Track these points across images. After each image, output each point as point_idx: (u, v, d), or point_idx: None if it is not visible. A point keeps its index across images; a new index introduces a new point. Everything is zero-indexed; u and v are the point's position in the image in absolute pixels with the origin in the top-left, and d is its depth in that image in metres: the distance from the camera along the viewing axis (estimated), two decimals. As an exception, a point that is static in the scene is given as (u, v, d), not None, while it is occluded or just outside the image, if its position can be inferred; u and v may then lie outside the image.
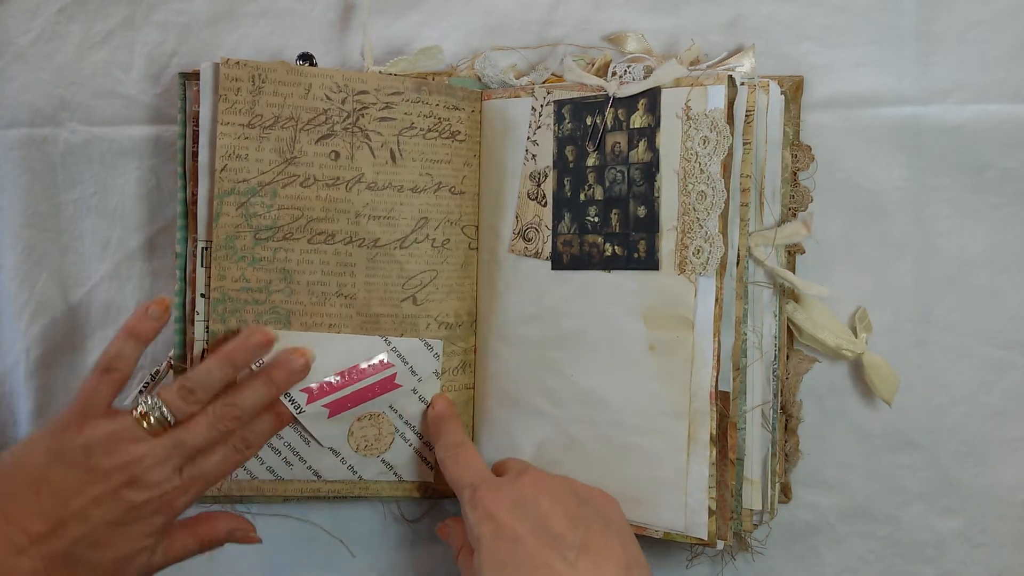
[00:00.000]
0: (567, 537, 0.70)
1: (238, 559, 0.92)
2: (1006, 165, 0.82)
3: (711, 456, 0.76)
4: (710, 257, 0.75)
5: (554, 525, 0.70)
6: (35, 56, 0.89)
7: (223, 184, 0.81)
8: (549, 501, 0.72)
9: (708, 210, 0.75)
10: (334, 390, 0.83)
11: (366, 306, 0.84)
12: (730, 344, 0.77)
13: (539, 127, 0.83)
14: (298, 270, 0.83)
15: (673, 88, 0.77)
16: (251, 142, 0.81)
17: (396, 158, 0.84)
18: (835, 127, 0.84)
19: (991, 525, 0.85)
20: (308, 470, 0.86)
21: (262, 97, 0.81)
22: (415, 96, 0.83)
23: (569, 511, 0.72)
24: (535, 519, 0.71)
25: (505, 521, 0.71)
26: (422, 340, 0.85)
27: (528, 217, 0.84)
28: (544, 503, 0.72)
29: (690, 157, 0.76)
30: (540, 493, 0.73)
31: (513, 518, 0.71)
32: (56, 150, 0.89)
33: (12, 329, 0.91)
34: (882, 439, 0.86)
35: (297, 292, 0.83)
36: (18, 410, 0.91)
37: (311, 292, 0.83)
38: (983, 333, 0.84)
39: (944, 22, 0.83)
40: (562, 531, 0.70)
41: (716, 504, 0.77)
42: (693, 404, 0.76)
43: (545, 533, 0.70)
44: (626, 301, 0.79)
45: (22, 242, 0.89)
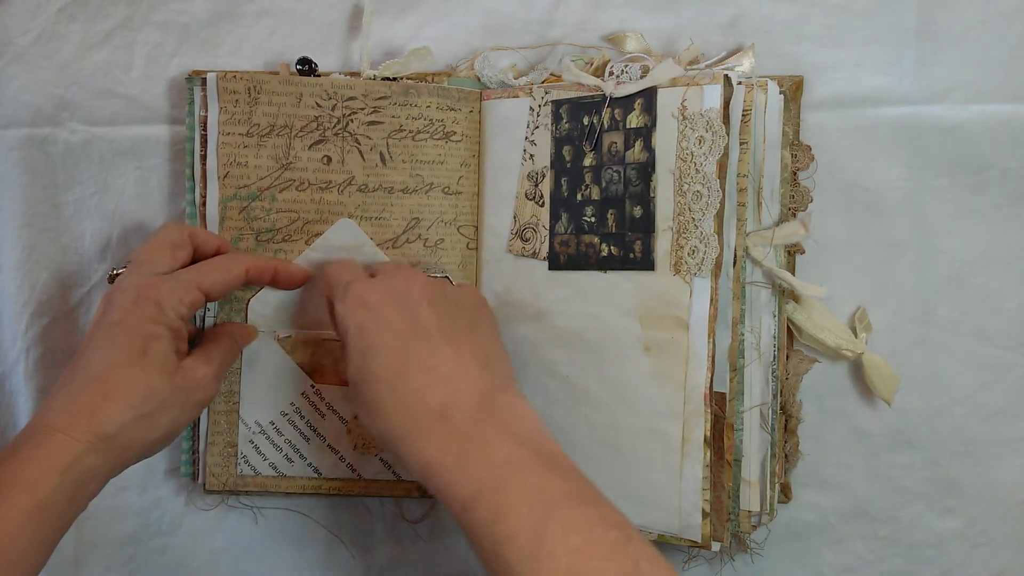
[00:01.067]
0: (432, 328, 0.72)
1: (238, 559, 0.92)
2: (1006, 165, 0.82)
3: (705, 458, 0.76)
4: (705, 257, 0.75)
5: (422, 317, 0.73)
6: (35, 56, 0.89)
7: (226, 190, 0.84)
8: (420, 295, 0.74)
9: (703, 210, 0.75)
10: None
11: (363, 306, 0.85)
12: (727, 344, 0.77)
13: (537, 127, 0.83)
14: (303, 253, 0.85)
15: (669, 88, 0.77)
16: (250, 150, 0.84)
17: (386, 160, 0.85)
18: (835, 127, 0.84)
19: (991, 525, 0.85)
20: (309, 467, 0.87)
21: (258, 107, 0.84)
22: (403, 99, 0.84)
23: (439, 308, 0.74)
24: (405, 308, 0.72)
25: (376, 306, 0.72)
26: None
27: (526, 217, 0.84)
28: (415, 296, 0.74)
29: (686, 157, 0.76)
30: (412, 288, 0.74)
31: (384, 305, 0.72)
32: (56, 150, 0.89)
33: (12, 329, 0.91)
34: (882, 439, 0.86)
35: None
36: (18, 410, 0.91)
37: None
38: (983, 333, 0.84)
39: (944, 22, 0.83)
40: (429, 323, 0.72)
41: (711, 506, 0.77)
42: (688, 405, 0.76)
43: (413, 321, 0.72)
44: (622, 301, 0.79)
45: (22, 242, 0.89)
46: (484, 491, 0.62)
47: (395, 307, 0.73)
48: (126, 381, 0.71)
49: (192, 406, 0.76)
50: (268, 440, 0.87)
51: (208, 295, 0.77)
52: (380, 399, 0.69)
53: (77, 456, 0.68)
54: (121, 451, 0.71)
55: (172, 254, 0.78)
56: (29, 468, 0.67)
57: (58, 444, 0.68)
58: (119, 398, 0.70)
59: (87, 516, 0.89)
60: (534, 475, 0.63)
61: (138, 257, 0.78)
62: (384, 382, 0.69)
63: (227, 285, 0.78)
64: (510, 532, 0.60)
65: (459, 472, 0.64)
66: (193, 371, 0.75)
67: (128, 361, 0.72)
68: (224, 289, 0.78)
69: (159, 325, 0.73)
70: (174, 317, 0.74)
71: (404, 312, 0.72)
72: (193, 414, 0.77)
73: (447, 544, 0.91)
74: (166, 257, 0.78)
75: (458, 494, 0.63)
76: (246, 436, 0.86)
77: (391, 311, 0.72)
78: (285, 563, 0.92)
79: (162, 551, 0.92)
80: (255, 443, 0.86)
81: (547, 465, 0.65)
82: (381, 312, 0.72)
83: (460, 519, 0.63)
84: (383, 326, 0.71)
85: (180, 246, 0.79)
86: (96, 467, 0.69)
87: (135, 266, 0.77)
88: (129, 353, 0.72)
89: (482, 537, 0.62)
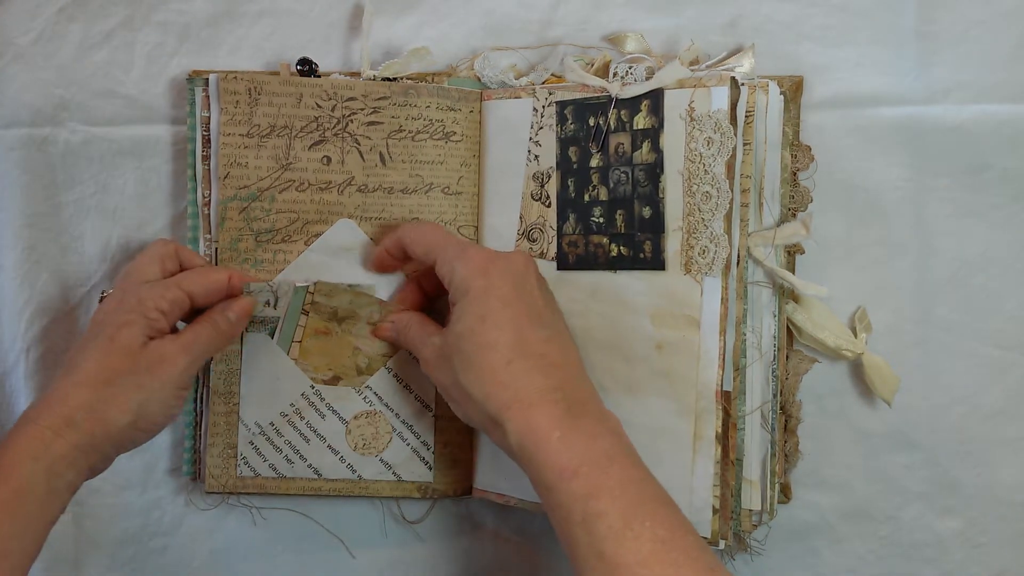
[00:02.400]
0: (545, 318, 0.75)
1: (238, 559, 0.92)
2: (1006, 165, 0.83)
3: (716, 454, 0.76)
4: (716, 257, 0.76)
5: (536, 301, 0.75)
6: (35, 56, 0.89)
7: (226, 190, 0.84)
8: (535, 283, 0.76)
9: (713, 211, 0.76)
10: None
11: (363, 306, 0.86)
12: (731, 344, 0.77)
13: (541, 128, 0.83)
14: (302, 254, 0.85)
15: (676, 89, 0.77)
16: (250, 150, 0.84)
17: (385, 161, 0.85)
18: (835, 127, 0.84)
19: (991, 525, 0.85)
20: (309, 468, 0.86)
21: (259, 108, 0.84)
22: (402, 100, 0.85)
23: (549, 301, 0.77)
24: (523, 290, 0.75)
25: (498, 279, 0.74)
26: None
27: (532, 218, 0.84)
28: (532, 282, 0.76)
29: (694, 158, 0.76)
30: (529, 271, 0.76)
31: (505, 280, 0.74)
32: (56, 150, 0.89)
33: (12, 329, 0.90)
34: (882, 439, 0.86)
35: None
36: (19, 410, 0.91)
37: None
38: (983, 333, 0.84)
39: (944, 22, 0.83)
40: (542, 312, 0.75)
41: (719, 503, 0.77)
42: (699, 403, 0.77)
43: (530, 305, 0.75)
44: (633, 301, 0.79)
45: (22, 242, 0.89)
46: (584, 467, 0.66)
47: (515, 286, 0.74)
48: (92, 365, 0.73)
49: (161, 385, 0.75)
50: (268, 441, 0.86)
51: (191, 297, 0.78)
52: (494, 365, 0.71)
53: (47, 443, 0.70)
54: (89, 435, 0.72)
55: (161, 266, 0.80)
56: (5, 456, 0.69)
57: (29, 433, 0.70)
58: (84, 384, 0.73)
59: (87, 516, 0.90)
60: (629, 468, 0.68)
61: (127, 270, 0.80)
62: (501, 351, 0.71)
63: (209, 289, 0.79)
64: (602, 509, 0.64)
65: (563, 445, 0.67)
66: (158, 347, 0.76)
67: (97, 348, 0.74)
68: (206, 292, 0.79)
69: (132, 314, 0.75)
70: (151, 308, 0.76)
71: (522, 294, 0.74)
72: (164, 394, 0.76)
73: (447, 544, 0.91)
74: (154, 268, 0.80)
75: (559, 463, 0.67)
76: (246, 437, 0.86)
77: (512, 288, 0.74)
78: (285, 563, 0.92)
79: (162, 551, 0.92)
80: (255, 444, 0.86)
81: (638, 465, 0.69)
82: (503, 287, 0.74)
83: (553, 488, 0.67)
84: (504, 301, 0.73)
85: (168, 259, 0.81)
86: (68, 454, 0.71)
87: (124, 276, 0.79)
88: (99, 342, 0.74)
89: (573, 507, 0.65)
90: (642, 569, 0.62)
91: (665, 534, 0.64)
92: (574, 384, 0.72)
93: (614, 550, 0.63)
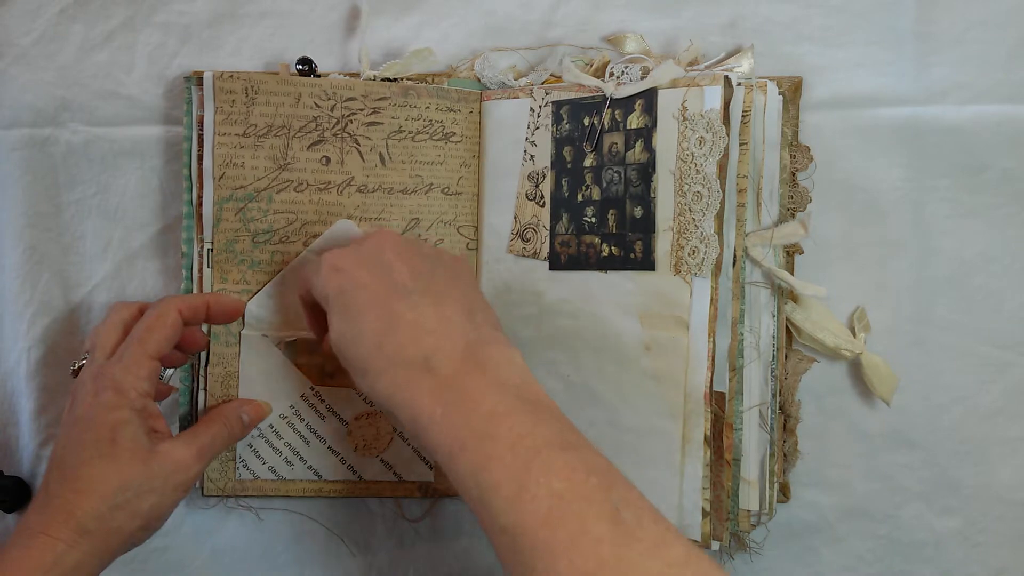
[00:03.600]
0: (409, 284, 0.71)
1: (240, 558, 0.92)
2: (1005, 165, 0.83)
3: (705, 457, 0.76)
4: (705, 258, 0.76)
5: (397, 275, 0.71)
6: (36, 57, 0.89)
7: (222, 191, 0.84)
8: (393, 254, 0.73)
9: (704, 211, 0.76)
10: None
11: (362, 306, 0.85)
12: (726, 344, 0.77)
13: (537, 128, 0.84)
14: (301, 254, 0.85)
15: (670, 89, 0.78)
16: (247, 150, 0.84)
17: (385, 161, 0.85)
18: (834, 127, 0.84)
19: (990, 525, 0.85)
20: (309, 470, 0.86)
21: (255, 107, 0.84)
22: (402, 100, 0.85)
23: (413, 265, 0.73)
24: (379, 269, 0.71)
25: (349, 271, 0.71)
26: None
27: (526, 217, 0.84)
28: (388, 255, 0.72)
29: (686, 158, 0.76)
30: (384, 248, 0.73)
31: (357, 267, 0.71)
32: (58, 150, 0.89)
33: (14, 329, 0.91)
34: (881, 439, 0.86)
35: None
36: (20, 410, 0.91)
37: (309, 293, 0.84)
38: (982, 333, 0.84)
39: (943, 22, 0.83)
40: (404, 280, 0.71)
41: (711, 505, 0.77)
42: (688, 405, 0.77)
43: (388, 280, 0.71)
44: (623, 301, 0.80)
45: (24, 242, 0.89)
46: (469, 441, 0.63)
47: (369, 268, 0.72)
48: (98, 474, 0.71)
49: (172, 489, 0.75)
50: (267, 444, 0.86)
51: (160, 358, 0.77)
52: (368, 358, 0.69)
53: (59, 555, 0.69)
54: (103, 542, 0.71)
55: (123, 333, 0.78)
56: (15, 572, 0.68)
57: (40, 545, 0.69)
58: (92, 492, 0.71)
59: (88, 516, 0.90)
60: (517, 423, 0.63)
61: (91, 345, 0.78)
62: (368, 341, 0.69)
63: (170, 339, 0.78)
64: (494, 481, 0.61)
65: (446, 423, 0.64)
66: (170, 453, 0.75)
67: (98, 453, 0.72)
68: (170, 344, 0.78)
69: (122, 410, 0.73)
70: (136, 397, 0.74)
71: (378, 272, 0.71)
72: (176, 497, 0.76)
73: (447, 543, 0.91)
74: (116, 337, 0.78)
75: (445, 445, 0.64)
76: (245, 440, 0.86)
77: (364, 273, 0.71)
78: (286, 562, 0.92)
79: (163, 550, 0.92)
80: (254, 447, 0.86)
81: (530, 412, 0.65)
82: (355, 275, 0.71)
83: (447, 469, 0.64)
84: (359, 288, 0.71)
85: (131, 322, 0.79)
86: (81, 561, 0.70)
87: (90, 355, 0.78)
88: (97, 445, 0.72)
89: (468, 487, 0.62)
90: (544, 531, 0.58)
91: (562, 487, 0.60)
92: (453, 342, 0.68)
93: (514, 520, 0.59)
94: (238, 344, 0.85)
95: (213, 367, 0.85)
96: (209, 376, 0.85)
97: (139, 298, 0.90)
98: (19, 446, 0.92)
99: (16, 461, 0.92)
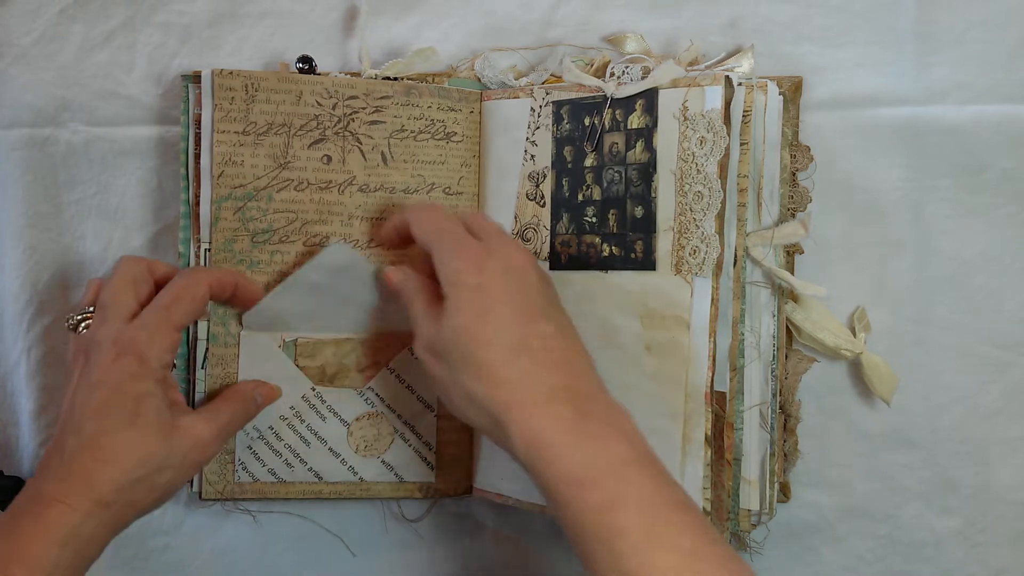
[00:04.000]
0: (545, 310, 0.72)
1: (239, 558, 0.92)
2: (1005, 165, 0.82)
3: (706, 456, 0.76)
4: (706, 258, 0.75)
5: (535, 296, 0.72)
6: (37, 57, 0.89)
7: (220, 190, 0.83)
8: (532, 274, 0.73)
9: (704, 211, 0.76)
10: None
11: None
12: (727, 344, 0.77)
13: (538, 128, 0.84)
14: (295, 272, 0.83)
15: (670, 89, 0.78)
16: (246, 148, 0.83)
17: (387, 160, 0.84)
18: (834, 127, 0.84)
19: (990, 524, 0.85)
20: (309, 472, 0.86)
21: (255, 105, 0.83)
22: (404, 99, 0.84)
23: (546, 291, 0.74)
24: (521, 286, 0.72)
25: (494, 275, 0.71)
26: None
27: (527, 217, 0.84)
28: (529, 274, 0.73)
29: (687, 158, 0.76)
30: (526, 265, 0.73)
31: (502, 277, 0.72)
32: (58, 150, 0.89)
33: (14, 329, 0.91)
34: (881, 439, 0.86)
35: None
36: (20, 410, 0.91)
37: (308, 293, 0.84)
38: (982, 333, 0.84)
39: (943, 22, 0.83)
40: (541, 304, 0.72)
41: (712, 504, 0.77)
42: (689, 404, 0.77)
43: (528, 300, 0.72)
44: (623, 301, 0.79)
45: (24, 242, 0.90)
46: (600, 479, 0.64)
47: (512, 282, 0.72)
48: (121, 446, 0.71)
49: (190, 466, 0.75)
50: (267, 446, 0.86)
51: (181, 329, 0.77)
52: (493, 364, 0.69)
53: (75, 526, 0.68)
54: (119, 514, 0.71)
55: (135, 292, 0.77)
56: (27, 542, 0.67)
57: (56, 515, 0.68)
58: (115, 463, 0.70)
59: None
60: (646, 475, 0.65)
61: (103, 301, 0.76)
62: (501, 349, 0.69)
63: (196, 312, 0.78)
64: (623, 524, 0.62)
65: (575, 452, 0.65)
66: (191, 430, 0.75)
67: (121, 424, 0.71)
68: (194, 317, 0.78)
69: (146, 381, 0.73)
70: (158, 368, 0.74)
71: (520, 290, 0.72)
72: (191, 474, 0.76)
73: (448, 544, 0.91)
74: (130, 297, 0.76)
75: (571, 472, 0.64)
76: (244, 442, 0.85)
77: (509, 285, 0.71)
78: (286, 562, 0.92)
79: (163, 550, 0.92)
80: (254, 449, 0.86)
81: (656, 468, 0.66)
82: (500, 283, 0.71)
83: (565, 494, 0.64)
84: (501, 297, 0.70)
85: (141, 281, 0.78)
86: (95, 533, 0.69)
87: (101, 312, 0.76)
88: (120, 415, 0.71)
89: (590, 521, 0.63)
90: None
91: (690, 544, 0.62)
92: (582, 381, 0.70)
93: (638, 568, 0.61)
94: (237, 345, 0.84)
95: (212, 367, 0.84)
96: (208, 377, 0.84)
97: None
98: (19, 446, 0.92)
99: (16, 461, 0.92)
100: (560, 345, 0.70)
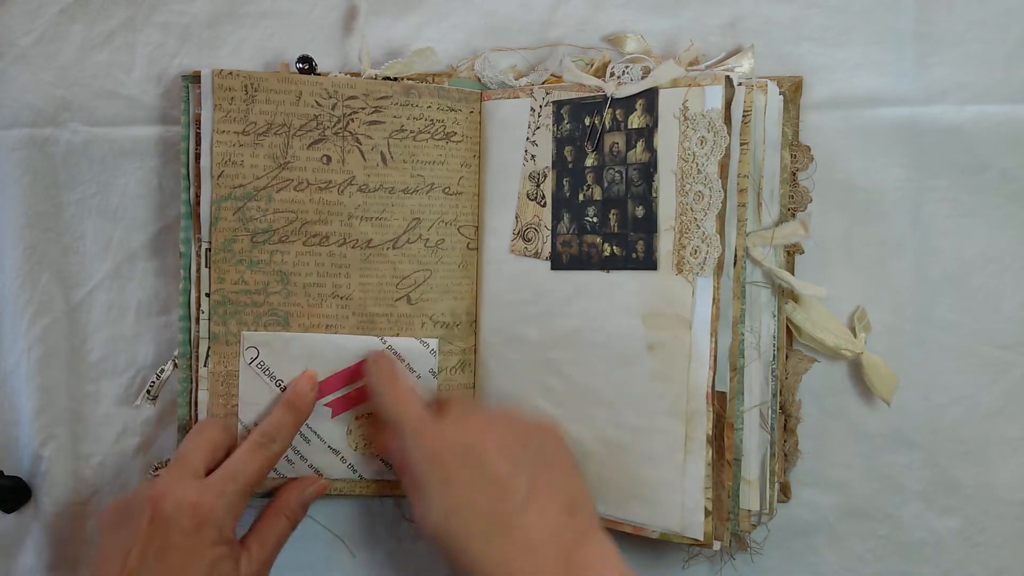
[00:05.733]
0: (513, 485, 0.73)
1: (239, 558, 0.92)
2: (1005, 165, 0.83)
3: (708, 456, 0.76)
4: (707, 257, 0.76)
5: (501, 474, 0.73)
6: (36, 57, 0.89)
7: (220, 189, 0.83)
8: (495, 448, 0.74)
9: (705, 210, 0.76)
10: (334, 389, 0.84)
11: (362, 306, 0.85)
12: (727, 344, 0.77)
13: (538, 127, 0.84)
14: (294, 272, 0.84)
15: (671, 88, 0.78)
16: (246, 148, 0.83)
17: (387, 160, 0.84)
18: (834, 127, 0.85)
19: (990, 524, 0.85)
20: (310, 468, 0.86)
21: (255, 105, 0.83)
22: (404, 99, 0.84)
23: (514, 456, 0.74)
24: (481, 468, 0.73)
25: (452, 467, 0.74)
26: (418, 339, 0.85)
27: (528, 217, 0.84)
28: (490, 450, 0.74)
29: (687, 157, 0.76)
30: (486, 439, 0.75)
31: (461, 465, 0.74)
32: (57, 150, 0.89)
33: (14, 329, 0.91)
34: (881, 439, 0.86)
35: (294, 294, 0.84)
36: (20, 410, 0.91)
37: (308, 293, 0.84)
38: (982, 333, 0.84)
39: (943, 23, 0.83)
40: (508, 480, 0.73)
41: (712, 504, 0.77)
42: (690, 404, 0.77)
43: (493, 484, 0.73)
44: (624, 301, 0.80)
45: (23, 242, 0.89)
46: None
47: (472, 468, 0.74)
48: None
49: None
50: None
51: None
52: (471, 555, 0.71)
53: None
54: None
55: (212, 455, 0.79)
56: None
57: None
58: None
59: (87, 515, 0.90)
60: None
61: (179, 455, 0.78)
62: (474, 540, 0.71)
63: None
64: None
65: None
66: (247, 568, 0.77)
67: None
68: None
69: (221, 546, 0.74)
70: (229, 533, 0.76)
71: (482, 473, 0.73)
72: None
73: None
74: (204, 457, 0.78)
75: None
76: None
77: (469, 473, 0.73)
78: (285, 562, 0.91)
79: (163, 551, 0.92)
80: (254, 446, 0.86)
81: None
82: (459, 474, 0.73)
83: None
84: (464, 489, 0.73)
85: (220, 447, 0.80)
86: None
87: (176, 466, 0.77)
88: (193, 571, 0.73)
89: None
90: None
91: None
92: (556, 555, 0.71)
93: None
94: (238, 343, 0.85)
95: (214, 366, 0.84)
96: (210, 376, 0.84)
97: (138, 298, 0.91)
98: (19, 446, 0.92)
99: (16, 461, 0.92)
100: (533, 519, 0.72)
